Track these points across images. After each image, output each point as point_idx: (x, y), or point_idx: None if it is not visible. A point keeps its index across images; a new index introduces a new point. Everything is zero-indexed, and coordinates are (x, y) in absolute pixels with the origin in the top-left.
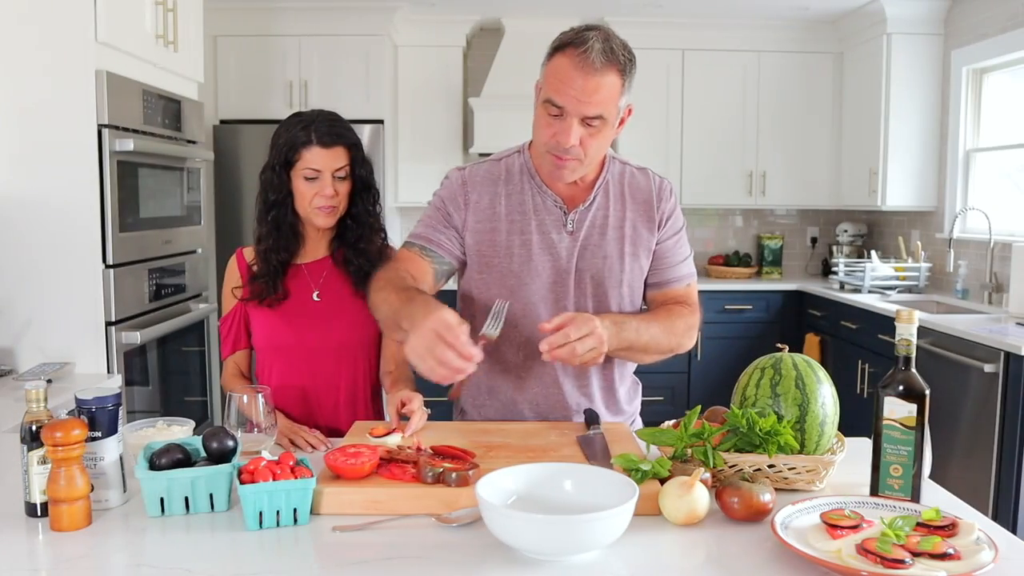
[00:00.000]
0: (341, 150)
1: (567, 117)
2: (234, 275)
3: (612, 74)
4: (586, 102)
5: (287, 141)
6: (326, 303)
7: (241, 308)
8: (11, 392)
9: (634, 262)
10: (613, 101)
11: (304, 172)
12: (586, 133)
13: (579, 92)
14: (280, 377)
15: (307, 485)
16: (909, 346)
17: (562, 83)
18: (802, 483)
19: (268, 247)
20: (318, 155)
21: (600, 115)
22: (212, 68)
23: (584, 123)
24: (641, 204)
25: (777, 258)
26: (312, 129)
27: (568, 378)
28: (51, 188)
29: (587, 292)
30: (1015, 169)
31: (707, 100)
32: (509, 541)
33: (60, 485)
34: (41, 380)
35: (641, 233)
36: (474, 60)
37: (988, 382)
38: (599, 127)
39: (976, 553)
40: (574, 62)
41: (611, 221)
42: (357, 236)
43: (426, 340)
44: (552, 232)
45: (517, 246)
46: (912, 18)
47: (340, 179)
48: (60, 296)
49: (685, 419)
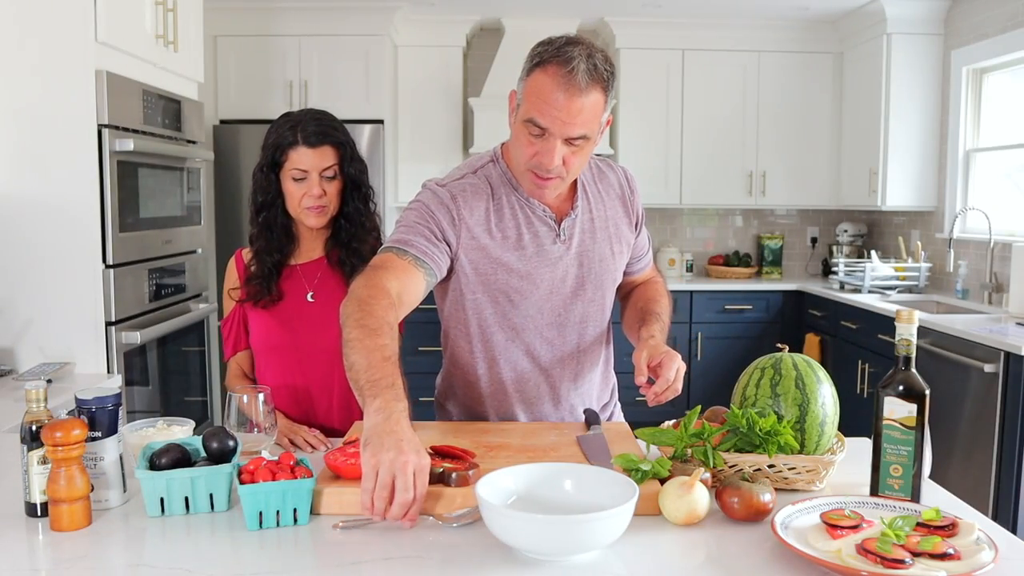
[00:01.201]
0: (328, 149)
1: (550, 138)
2: (232, 276)
3: (596, 92)
4: (571, 123)
5: (274, 142)
6: (320, 304)
7: (240, 309)
8: (11, 392)
9: (620, 259)
10: (597, 119)
11: (292, 173)
12: (569, 152)
13: (564, 114)
14: (275, 378)
15: (307, 485)
16: (909, 346)
17: (545, 104)
18: (802, 483)
19: (261, 248)
20: (305, 155)
21: (584, 135)
22: (212, 68)
23: (567, 143)
24: (616, 199)
25: (777, 258)
26: (299, 129)
27: (567, 384)
28: (51, 188)
29: (586, 296)
30: (1015, 169)
31: (707, 100)
32: (509, 541)
33: (60, 485)
34: (41, 380)
35: (621, 229)
36: (474, 60)
37: (988, 382)
38: (582, 146)
39: (976, 553)
40: (558, 82)
41: (597, 223)
42: (350, 236)
43: (384, 474)
44: (546, 243)
45: (515, 261)
46: (912, 18)
47: (328, 179)
48: (60, 296)
49: (685, 419)
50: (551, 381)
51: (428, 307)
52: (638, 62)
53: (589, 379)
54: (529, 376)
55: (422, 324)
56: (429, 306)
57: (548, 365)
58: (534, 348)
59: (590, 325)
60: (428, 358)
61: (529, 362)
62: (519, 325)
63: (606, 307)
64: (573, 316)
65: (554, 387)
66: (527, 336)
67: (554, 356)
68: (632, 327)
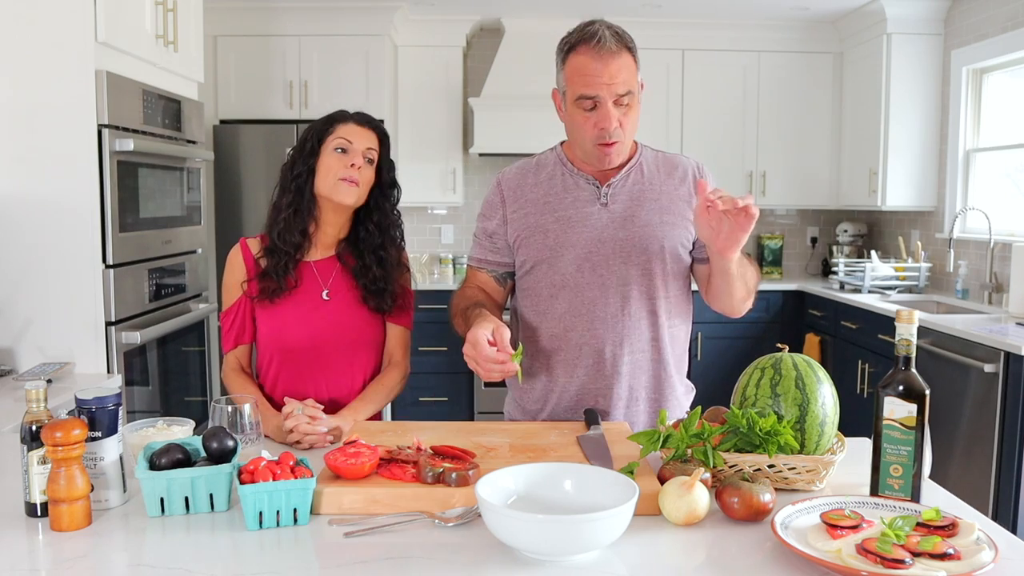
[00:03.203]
0: (373, 134)
1: (603, 104)
2: (239, 267)
3: (626, 54)
4: (614, 83)
5: (324, 120)
6: (335, 302)
7: (246, 302)
8: (11, 392)
9: (673, 229)
10: (634, 77)
11: (337, 142)
12: (621, 113)
13: (606, 77)
14: (288, 376)
15: (307, 485)
16: (909, 346)
17: (588, 75)
18: (802, 483)
19: (288, 221)
20: (353, 130)
21: (629, 91)
22: (212, 68)
23: (617, 104)
24: (678, 179)
25: (777, 258)
26: (349, 111)
27: (611, 347)
28: (51, 188)
29: (630, 260)
30: (1015, 169)
31: (707, 100)
32: (509, 541)
33: (60, 485)
34: (41, 380)
35: (677, 204)
36: (474, 60)
37: (988, 382)
38: (630, 103)
39: (976, 553)
40: (591, 55)
41: (648, 194)
42: (378, 243)
43: (466, 354)
44: (585, 206)
45: (551, 223)
46: (912, 18)
47: (368, 161)
48: (60, 296)
49: (686, 420)
50: (596, 344)
51: (428, 307)
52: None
53: (638, 350)
54: (572, 335)
55: (422, 324)
56: (429, 306)
57: (591, 325)
58: (573, 307)
59: (633, 289)
60: (428, 358)
61: (572, 320)
62: (558, 282)
63: (653, 275)
64: (613, 278)
65: (599, 350)
66: (567, 293)
67: (596, 316)
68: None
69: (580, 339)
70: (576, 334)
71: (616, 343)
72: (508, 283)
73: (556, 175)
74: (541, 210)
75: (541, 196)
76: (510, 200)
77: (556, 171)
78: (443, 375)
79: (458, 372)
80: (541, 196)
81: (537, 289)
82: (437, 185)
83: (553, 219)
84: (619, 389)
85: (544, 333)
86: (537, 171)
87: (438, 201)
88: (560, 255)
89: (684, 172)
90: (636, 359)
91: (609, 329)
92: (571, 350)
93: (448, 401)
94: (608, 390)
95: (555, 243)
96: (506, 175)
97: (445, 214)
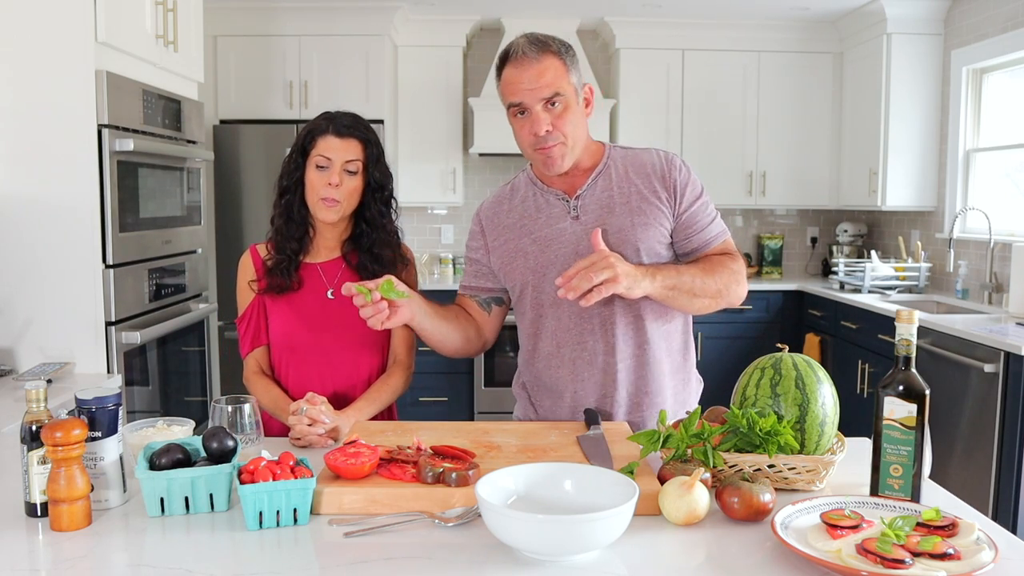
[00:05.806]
0: (356, 143)
1: (530, 110)
2: (249, 270)
3: (548, 57)
4: (536, 88)
5: (308, 130)
6: (340, 302)
7: (259, 304)
8: (11, 392)
9: (646, 231)
10: (561, 79)
11: (316, 160)
12: (553, 115)
13: (527, 83)
14: (297, 375)
15: (307, 485)
16: (909, 346)
17: (512, 85)
18: (802, 483)
19: (279, 230)
20: (331, 144)
21: (556, 93)
22: (212, 68)
23: (546, 108)
24: (648, 177)
25: (777, 258)
26: (332, 120)
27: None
28: (51, 188)
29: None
30: (1015, 169)
31: (707, 100)
32: (509, 541)
33: (60, 485)
34: (41, 380)
35: (651, 201)
36: (474, 60)
37: (988, 382)
38: (562, 105)
39: (976, 553)
40: (513, 65)
41: (617, 198)
42: (371, 240)
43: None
44: (558, 222)
45: (529, 245)
46: (912, 18)
47: (350, 173)
48: (60, 296)
49: (686, 420)
50: (588, 357)
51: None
52: (638, 62)
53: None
54: (565, 352)
55: None
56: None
57: (580, 339)
58: (564, 325)
59: (615, 297)
60: (429, 358)
61: (565, 336)
62: (546, 302)
63: None
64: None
65: (591, 363)
66: (556, 310)
67: (584, 330)
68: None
69: (573, 354)
70: (568, 350)
71: (608, 353)
72: (493, 308)
73: (528, 196)
74: (519, 234)
75: (516, 220)
76: (489, 229)
77: (528, 192)
78: (443, 375)
79: (458, 372)
80: (516, 220)
81: (528, 311)
82: (437, 185)
83: (530, 241)
84: (619, 396)
85: (541, 353)
86: (511, 196)
87: (438, 201)
88: (543, 275)
89: (652, 167)
90: (629, 365)
91: (598, 341)
92: (566, 366)
93: (448, 401)
94: (609, 398)
95: (535, 264)
96: (484, 206)
97: (445, 214)
